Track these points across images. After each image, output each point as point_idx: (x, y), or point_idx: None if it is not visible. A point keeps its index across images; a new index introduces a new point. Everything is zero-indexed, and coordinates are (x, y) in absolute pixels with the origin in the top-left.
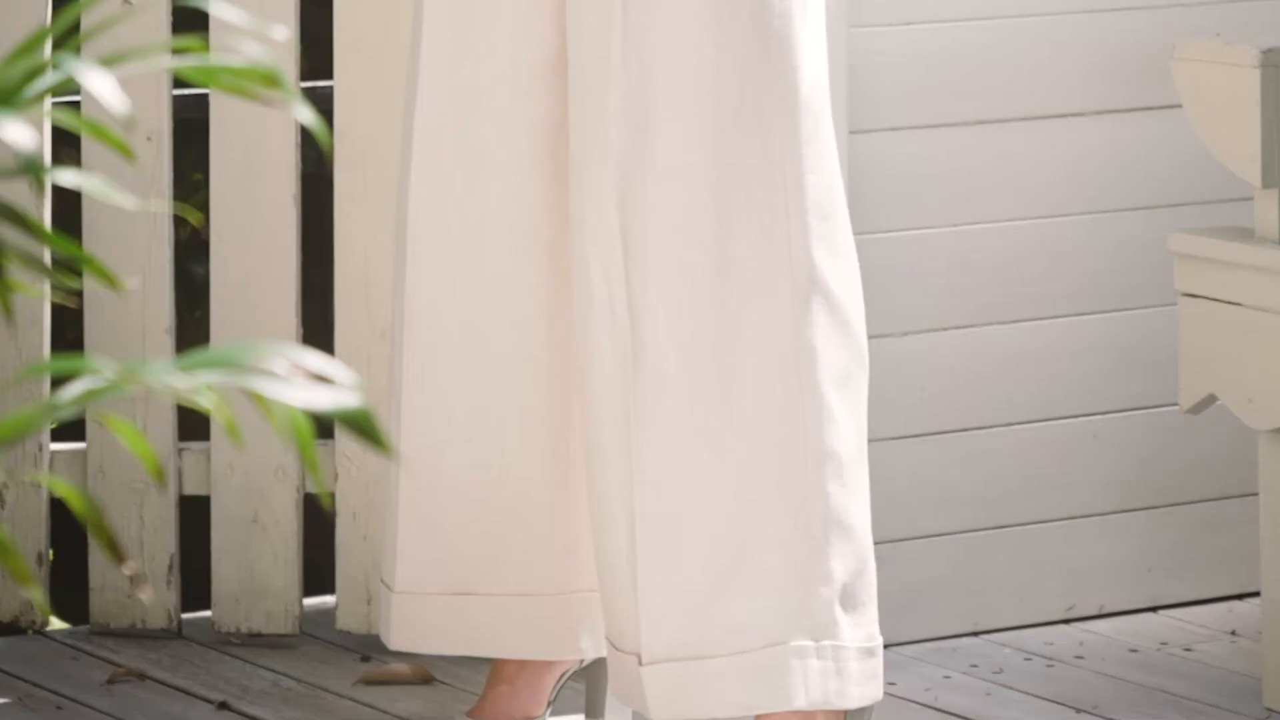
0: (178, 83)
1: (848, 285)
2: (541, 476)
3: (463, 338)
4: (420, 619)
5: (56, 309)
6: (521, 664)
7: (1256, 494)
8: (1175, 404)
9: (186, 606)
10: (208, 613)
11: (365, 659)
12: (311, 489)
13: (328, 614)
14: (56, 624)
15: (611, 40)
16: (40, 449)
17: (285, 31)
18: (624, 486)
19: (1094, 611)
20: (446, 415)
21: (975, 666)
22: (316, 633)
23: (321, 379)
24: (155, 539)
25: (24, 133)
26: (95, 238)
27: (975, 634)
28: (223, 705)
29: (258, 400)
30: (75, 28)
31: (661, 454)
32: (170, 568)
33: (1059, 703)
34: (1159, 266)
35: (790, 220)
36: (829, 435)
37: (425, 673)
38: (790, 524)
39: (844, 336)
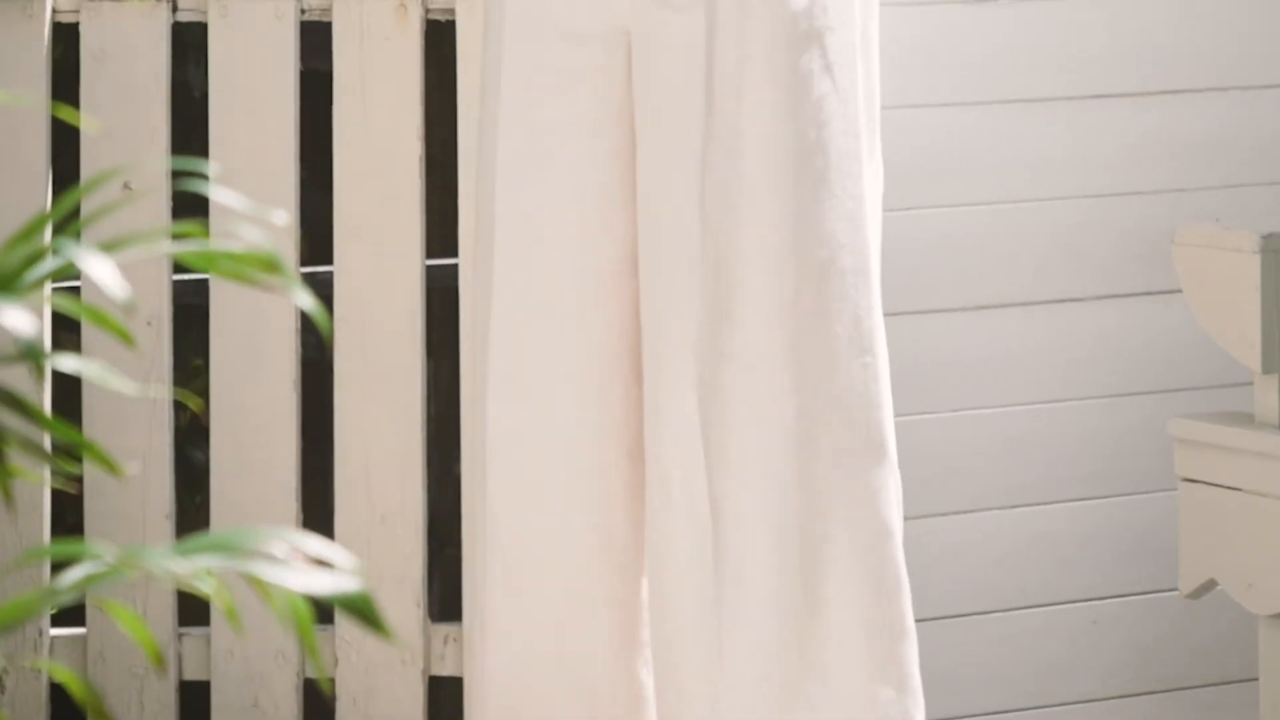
0: (178, 267)
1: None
2: (627, 681)
3: (546, 543)
4: None
5: (56, 494)
6: None
7: (1257, 679)
8: (1175, 589)
9: None
10: None
11: None
12: (312, 674)
13: None
14: None
15: (689, 235)
16: (40, 634)
17: (285, 217)
18: (709, 689)
19: None
20: (530, 622)
21: None
22: None
23: (321, 563)
24: None
25: (24, 318)
26: (95, 423)
27: None
28: None
29: (258, 585)
30: (75, 213)
31: (748, 654)
32: None
33: None
34: (1160, 452)
35: (869, 398)
36: (907, 610)
37: None
38: (880, 709)
39: (899, 509)
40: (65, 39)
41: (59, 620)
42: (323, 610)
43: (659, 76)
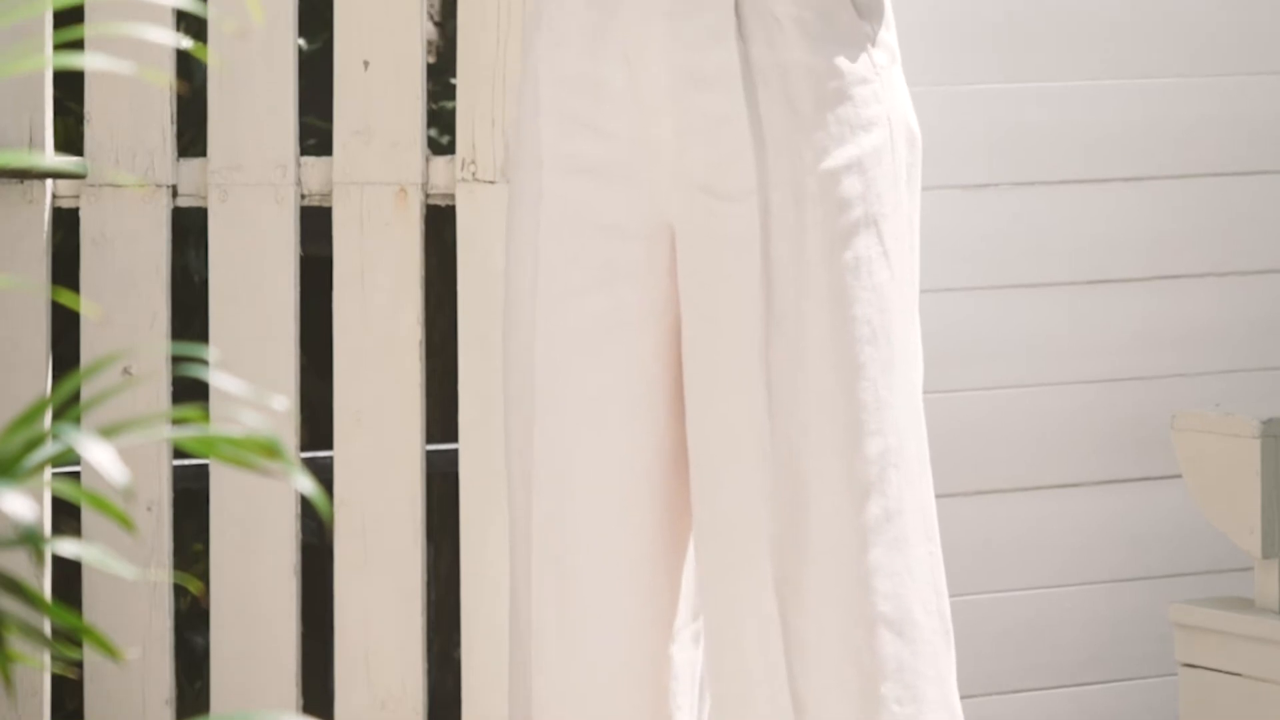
0: (178, 452)
1: None
2: None
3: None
4: None
5: (57, 679)
6: None
7: None
8: None
9: None
10: None
11: None
12: None
13: None
14: None
15: (754, 429)
16: None
17: (285, 402)
18: None
19: None
20: None
21: None
22: None
23: None
24: None
25: (24, 504)
26: (95, 607)
27: None
28: None
29: None
30: (75, 398)
31: None
32: None
33: None
34: (1161, 637)
35: (936, 586)
36: None
37: None
38: None
39: None
40: (66, 224)
41: None
42: None
43: (711, 269)
